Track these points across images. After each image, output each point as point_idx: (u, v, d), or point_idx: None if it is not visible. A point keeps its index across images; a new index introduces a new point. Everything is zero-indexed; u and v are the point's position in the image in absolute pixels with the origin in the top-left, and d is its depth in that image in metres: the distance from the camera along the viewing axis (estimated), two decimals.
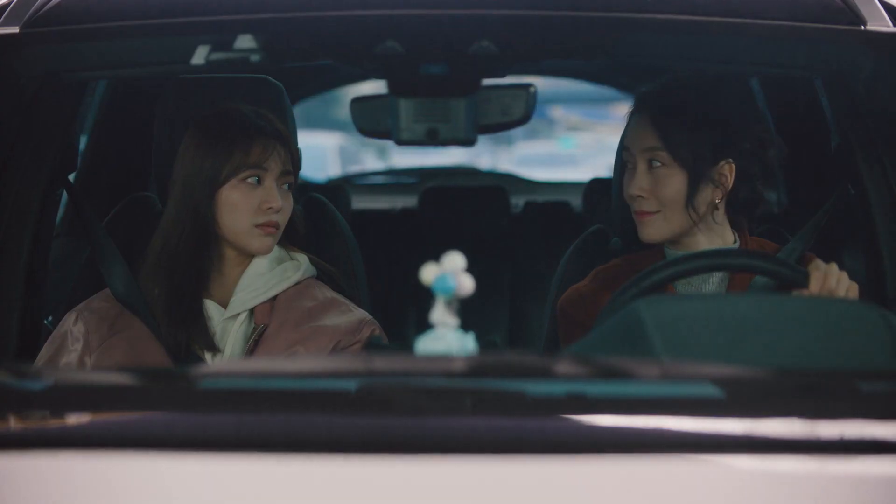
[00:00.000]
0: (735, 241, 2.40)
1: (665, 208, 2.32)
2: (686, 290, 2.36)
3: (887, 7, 2.15)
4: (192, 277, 2.30)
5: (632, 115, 2.40)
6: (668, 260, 2.20)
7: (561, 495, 1.38)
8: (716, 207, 2.36)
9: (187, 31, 2.17)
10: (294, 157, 2.35)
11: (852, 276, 2.17)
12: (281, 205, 2.29)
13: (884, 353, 1.66)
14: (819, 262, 2.15)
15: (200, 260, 2.31)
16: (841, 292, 2.13)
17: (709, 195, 2.34)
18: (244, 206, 2.28)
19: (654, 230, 2.33)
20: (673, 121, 2.33)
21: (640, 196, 2.32)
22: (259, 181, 2.29)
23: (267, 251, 2.32)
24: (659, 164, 2.32)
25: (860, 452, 1.47)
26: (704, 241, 2.36)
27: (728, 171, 2.34)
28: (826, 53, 2.29)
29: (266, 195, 2.28)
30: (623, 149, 2.39)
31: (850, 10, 2.13)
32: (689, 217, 2.33)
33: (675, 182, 2.31)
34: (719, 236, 2.39)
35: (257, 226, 2.29)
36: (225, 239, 2.31)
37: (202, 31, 2.17)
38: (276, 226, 2.30)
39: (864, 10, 2.12)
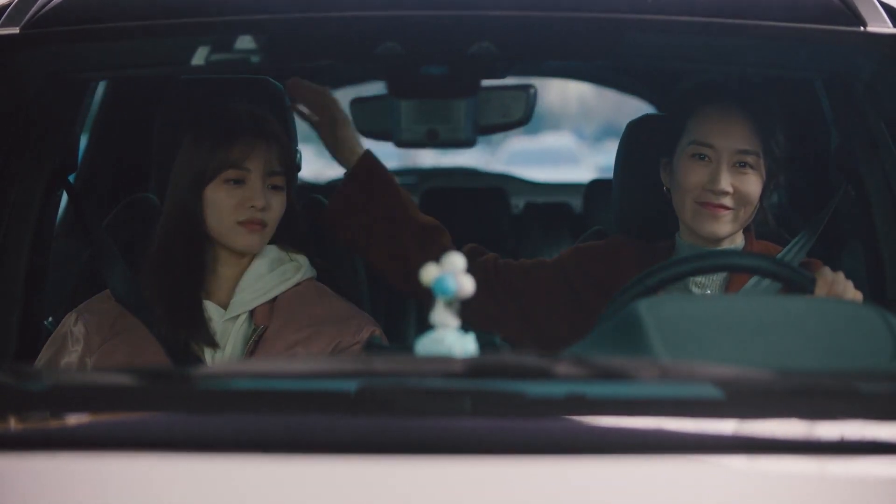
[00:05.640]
0: (742, 242, 2.41)
1: (741, 207, 2.32)
2: (693, 288, 2.37)
3: (887, 8, 2.15)
4: (188, 277, 2.29)
5: (709, 108, 2.36)
6: (679, 258, 2.21)
7: (561, 496, 1.38)
8: None
9: (188, 32, 2.17)
10: (289, 158, 2.34)
11: (852, 276, 2.17)
12: (265, 203, 2.28)
13: (883, 354, 1.66)
14: (826, 270, 2.15)
15: (194, 260, 2.30)
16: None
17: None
18: (227, 205, 2.27)
19: (725, 226, 2.32)
20: (772, 126, 2.34)
21: (726, 192, 2.31)
22: (243, 180, 2.28)
23: (253, 249, 2.31)
24: (747, 164, 2.32)
25: (860, 453, 1.47)
26: (726, 241, 2.37)
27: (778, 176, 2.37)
28: (826, 54, 2.29)
29: (249, 194, 2.27)
30: (698, 143, 2.34)
31: (850, 12, 2.13)
32: (751, 217, 2.35)
33: (757, 183, 2.32)
34: (733, 236, 2.39)
35: (240, 223, 2.28)
36: (214, 238, 2.31)
37: (203, 32, 2.17)
38: (261, 223, 2.29)
39: (864, 12, 2.12)
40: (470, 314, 1.55)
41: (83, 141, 3.30)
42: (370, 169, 2.41)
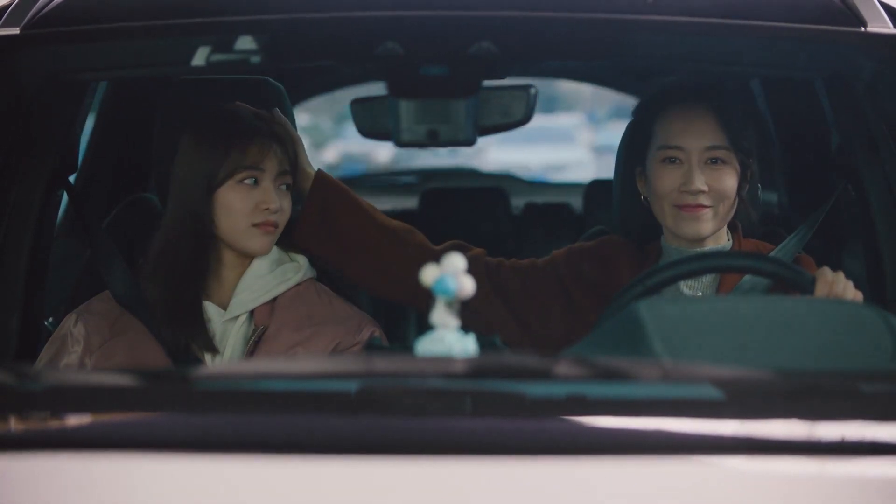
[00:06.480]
0: (728, 240, 2.41)
1: (719, 203, 2.32)
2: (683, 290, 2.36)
3: (887, 8, 2.15)
4: (191, 279, 2.29)
5: (672, 111, 2.37)
6: (675, 259, 2.20)
7: (561, 497, 1.38)
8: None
9: (188, 32, 2.17)
10: (293, 158, 2.34)
11: (852, 277, 2.17)
12: (279, 205, 2.29)
13: (884, 355, 1.66)
14: (826, 270, 2.14)
15: (199, 262, 2.30)
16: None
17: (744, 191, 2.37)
18: (241, 208, 2.27)
19: (706, 224, 2.32)
20: (738, 118, 2.34)
21: (702, 191, 2.31)
22: (256, 182, 2.28)
23: (265, 251, 2.32)
24: (718, 160, 2.32)
25: (861, 454, 1.47)
26: (710, 240, 2.37)
27: (751, 168, 2.37)
28: (827, 55, 2.29)
29: (263, 196, 2.28)
30: (666, 147, 2.34)
31: (851, 12, 2.13)
32: (731, 212, 2.34)
33: (732, 178, 2.32)
34: (717, 235, 2.39)
35: (255, 225, 2.28)
36: (223, 240, 2.31)
37: (203, 32, 2.17)
38: (274, 225, 2.29)
39: (865, 12, 2.13)
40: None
41: (83, 141, 3.30)
42: (325, 188, 2.41)
